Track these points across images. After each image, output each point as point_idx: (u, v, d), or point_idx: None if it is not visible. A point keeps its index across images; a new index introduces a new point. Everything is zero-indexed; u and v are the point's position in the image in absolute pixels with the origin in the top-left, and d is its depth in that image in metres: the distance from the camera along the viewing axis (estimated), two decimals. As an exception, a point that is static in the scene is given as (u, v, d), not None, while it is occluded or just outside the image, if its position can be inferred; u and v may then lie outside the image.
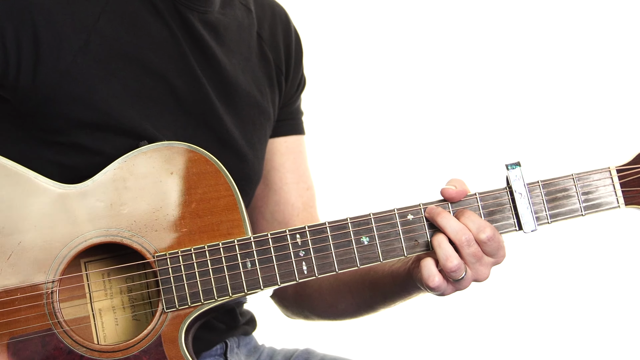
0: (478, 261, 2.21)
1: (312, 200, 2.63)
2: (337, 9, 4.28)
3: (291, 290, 2.60)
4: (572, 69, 4.24)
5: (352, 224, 2.24)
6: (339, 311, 2.54)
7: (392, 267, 2.37)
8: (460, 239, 2.20)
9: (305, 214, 2.60)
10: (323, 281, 2.50)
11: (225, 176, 2.27)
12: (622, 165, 2.27)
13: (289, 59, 2.59)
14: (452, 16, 4.28)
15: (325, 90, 4.12)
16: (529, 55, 4.26)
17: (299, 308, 2.61)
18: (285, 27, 2.60)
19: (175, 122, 2.34)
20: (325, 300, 2.53)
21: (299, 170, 2.62)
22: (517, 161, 2.25)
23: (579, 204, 2.25)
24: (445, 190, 2.24)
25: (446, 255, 2.20)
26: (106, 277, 2.29)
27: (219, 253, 2.23)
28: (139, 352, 2.22)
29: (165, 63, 2.33)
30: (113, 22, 2.30)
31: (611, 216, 2.32)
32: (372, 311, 2.50)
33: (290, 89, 2.61)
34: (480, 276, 2.23)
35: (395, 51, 4.28)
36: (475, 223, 2.21)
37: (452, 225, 2.21)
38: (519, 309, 4.26)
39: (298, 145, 2.63)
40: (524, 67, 4.25)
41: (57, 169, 2.27)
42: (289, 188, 2.60)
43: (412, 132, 4.25)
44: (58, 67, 2.24)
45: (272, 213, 2.60)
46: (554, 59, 4.25)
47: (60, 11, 2.25)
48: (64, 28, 2.25)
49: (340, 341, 4.10)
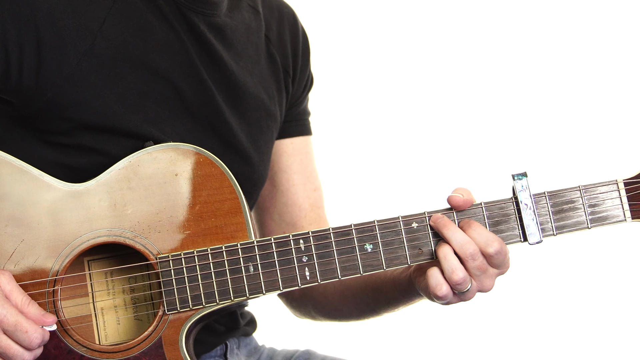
0: (483, 274, 2.21)
1: (319, 201, 2.63)
2: (348, 9, 4.28)
3: (298, 292, 2.60)
4: (582, 80, 4.23)
5: (356, 230, 2.23)
6: (344, 314, 2.54)
7: (393, 274, 2.36)
8: (465, 253, 2.19)
9: (312, 215, 2.60)
10: (328, 285, 2.50)
11: (230, 179, 2.26)
12: (630, 178, 2.26)
13: (295, 61, 2.58)
14: (463, 27, 4.28)
15: (332, 94, 4.12)
16: (538, 66, 4.25)
17: (305, 309, 2.61)
18: (292, 28, 2.60)
19: (181, 125, 2.34)
20: (330, 304, 2.53)
21: (306, 171, 2.61)
22: (524, 171, 2.23)
23: (585, 217, 2.24)
24: (452, 198, 2.23)
25: (452, 268, 2.19)
26: (109, 277, 2.28)
27: (221, 256, 2.23)
28: (139, 353, 2.21)
29: (171, 66, 2.33)
30: (118, 25, 2.29)
31: (617, 230, 2.31)
32: (377, 315, 2.50)
33: (297, 90, 2.60)
34: (485, 287, 2.22)
35: (404, 58, 4.28)
36: (482, 236, 2.20)
37: (457, 238, 2.20)
38: (520, 318, 4.25)
39: (305, 146, 2.63)
40: (534, 77, 4.25)
41: (62, 169, 2.26)
42: (296, 189, 2.60)
43: (419, 140, 4.24)
44: (61, 71, 2.23)
45: (280, 214, 2.60)
46: (564, 69, 4.25)
47: (65, 15, 2.24)
48: (68, 32, 2.24)
49: (341, 342, 4.10)
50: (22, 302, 2.15)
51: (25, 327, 2.13)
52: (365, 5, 4.29)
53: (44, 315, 2.16)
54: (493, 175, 3.25)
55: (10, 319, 2.12)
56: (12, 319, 2.12)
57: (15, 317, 2.12)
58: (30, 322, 2.14)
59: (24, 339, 2.13)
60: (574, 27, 4.25)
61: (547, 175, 3.65)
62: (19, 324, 2.13)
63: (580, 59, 4.24)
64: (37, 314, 2.15)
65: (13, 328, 2.12)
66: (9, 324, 2.12)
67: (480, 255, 2.19)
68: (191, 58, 2.35)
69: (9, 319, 2.12)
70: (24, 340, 2.13)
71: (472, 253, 2.18)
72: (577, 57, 4.25)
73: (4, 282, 2.15)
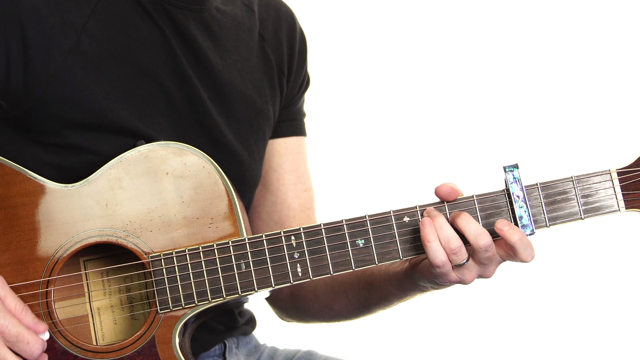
0: (490, 262, 2.19)
1: (310, 202, 2.62)
2: (344, 11, 4.28)
3: (286, 291, 2.59)
4: (572, 70, 4.23)
5: (348, 226, 2.23)
6: (334, 312, 2.52)
7: (388, 268, 2.35)
8: (479, 244, 2.17)
9: (301, 215, 2.59)
10: (319, 282, 2.49)
11: (220, 177, 2.25)
12: (623, 167, 2.24)
13: (291, 60, 2.57)
14: (449, 19, 4.28)
15: (324, 92, 4.12)
16: (528, 56, 4.24)
17: (293, 309, 2.60)
18: (289, 27, 2.59)
19: (168, 122, 2.33)
20: (320, 301, 2.52)
21: (297, 172, 2.60)
22: (515, 163, 2.22)
23: (578, 207, 2.23)
24: (440, 188, 2.22)
25: (447, 237, 2.17)
26: (105, 277, 2.28)
27: (213, 254, 2.22)
28: (132, 352, 2.21)
29: (156, 64, 2.32)
30: (103, 23, 2.29)
31: (611, 220, 2.30)
32: (368, 312, 2.48)
33: (292, 90, 2.60)
34: (487, 274, 2.22)
35: (393, 54, 4.28)
36: (473, 228, 2.18)
37: (472, 229, 2.17)
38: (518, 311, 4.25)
39: (298, 146, 2.62)
40: (523, 69, 4.24)
41: (54, 170, 2.26)
42: (286, 189, 2.59)
43: (410, 134, 4.24)
44: (48, 69, 2.23)
45: (269, 213, 2.59)
46: (554, 60, 4.24)
47: (49, 13, 2.24)
48: (53, 30, 2.24)
49: (342, 342, 4.10)
50: (16, 308, 2.15)
51: (26, 338, 2.13)
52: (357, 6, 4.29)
53: (36, 324, 2.16)
54: (485, 167, 3.25)
55: (12, 330, 2.12)
56: (14, 330, 2.12)
57: (16, 329, 2.12)
58: (31, 333, 2.14)
59: (25, 350, 2.13)
60: (563, 19, 4.25)
61: (539, 167, 3.65)
62: (21, 335, 2.13)
63: (570, 50, 4.24)
64: (31, 323, 2.16)
65: (15, 339, 2.13)
66: (11, 335, 2.12)
67: (492, 247, 2.17)
68: (176, 55, 2.34)
69: (11, 330, 2.12)
70: (25, 352, 2.14)
71: (486, 244, 2.16)
72: (567, 48, 4.24)
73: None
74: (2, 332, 2.12)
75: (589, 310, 4.23)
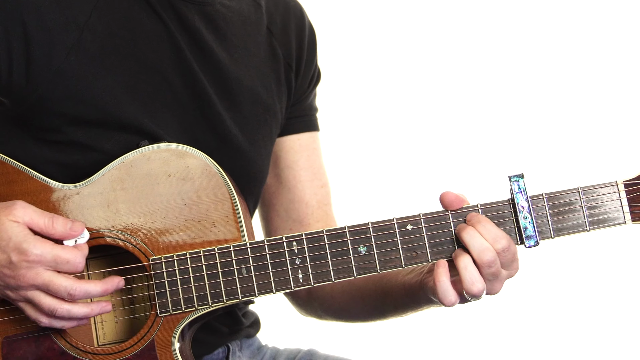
0: (495, 279, 2.17)
1: (327, 198, 2.61)
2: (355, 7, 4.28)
3: (304, 291, 2.58)
4: (581, 80, 4.23)
5: (350, 232, 2.21)
6: (350, 315, 2.53)
7: (404, 278, 2.33)
8: (482, 260, 2.15)
9: (319, 212, 2.58)
10: (335, 285, 2.48)
11: (223, 180, 2.24)
12: (630, 179, 2.23)
13: (300, 56, 2.56)
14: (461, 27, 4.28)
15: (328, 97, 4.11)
16: (537, 66, 4.25)
17: (312, 307, 2.59)
18: (299, 22, 2.57)
19: (173, 117, 2.32)
20: (337, 304, 2.52)
21: (313, 168, 2.60)
22: (521, 173, 2.21)
23: (584, 219, 2.21)
24: (444, 195, 2.20)
25: (472, 280, 2.15)
26: (107, 276, 2.27)
27: (214, 258, 2.21)
28: (131, 355, 2.21)
29: (160, 58, 2.31)
30: (105, 18, 2.27)
31: (616, 232, 2.28)
32: (384, 318, 2.48)
33: (302, 85, 2.58)
34: (494, 290, 2.20)
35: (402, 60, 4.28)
36: (491, 232, 2.16)
37: (476, 244, 2.16)
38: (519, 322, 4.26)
39: (312, 142, 2.61)
40: (532, 78, 4.25)
41: (57, 167, 2.25)
42: (302, 186, 2.58)
43: (415, 141, 4.25)
44: (51, 65, 2.22)
45: (287, 211, 2.59)
46: (562, 70, 4.24)
47: (51, 10, 2.23)
48: (55, 26, 2.23)
49: (344, 342, 4.09)
50: (46, 224, 2.13)
51: (64, 258, 2.11)
52: (373, 5, 4.29)
53: (70, 229, 2.14)
54: (491, 176, 3.24)
55: (47, 256, 2.11)
56: (50, 256, 2.11)
57: (51, 253, 2.11)
58: (67, 250, 2.12)
59: (68, 269, 2.12)
60: (572, 26, 4.25)
61: (545, 177, 3.64)
62: (58, 257, 2.11)
63: (579, 58, 4.24)
64: (64, 230, 2.14)
65: (54, 263, 2.11)
66: (49, 261, 2.11)
67: (496, 262, 2.15)
68: (180, 49, 2.33)
69: (47, 257, 2.11)
70: (69, 270, 2.13)
71: (489, 260, 2.15)
72: (575, 57, 4.24)
73: (21, 213, 2.12)
74: (40, 261, 2.10)
75: (591, 319, 4.23)
